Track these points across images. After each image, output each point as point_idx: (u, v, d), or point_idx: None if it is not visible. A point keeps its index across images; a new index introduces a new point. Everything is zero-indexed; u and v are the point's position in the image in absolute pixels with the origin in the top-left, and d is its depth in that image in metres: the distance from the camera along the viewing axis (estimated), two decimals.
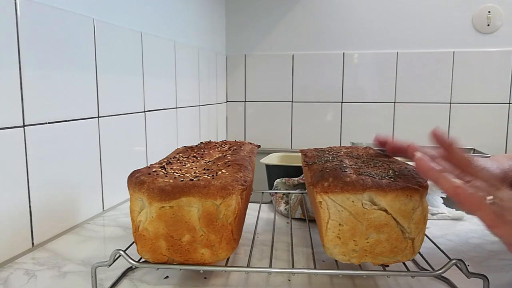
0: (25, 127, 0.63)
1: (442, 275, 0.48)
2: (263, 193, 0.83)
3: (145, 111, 1.01)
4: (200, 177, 0.51)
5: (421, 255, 0.53)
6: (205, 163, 0.61)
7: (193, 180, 0.49)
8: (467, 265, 0.47)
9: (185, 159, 0.62)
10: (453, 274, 0.49)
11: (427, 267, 0.50)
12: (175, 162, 0.59)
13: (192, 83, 1.34)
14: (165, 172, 0.53)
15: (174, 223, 0.47)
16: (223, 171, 0.53)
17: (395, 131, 1.64)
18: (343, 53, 1.64)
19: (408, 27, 1.58)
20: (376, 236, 0.47)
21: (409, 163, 0.56)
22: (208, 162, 0.61)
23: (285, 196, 0.82)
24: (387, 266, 0.51)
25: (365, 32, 1.62)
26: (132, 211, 0.50)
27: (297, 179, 0.85)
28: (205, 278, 0.54)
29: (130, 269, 0.56)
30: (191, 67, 1.33)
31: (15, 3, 0.61)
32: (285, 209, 0.80)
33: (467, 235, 0.70)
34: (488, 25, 1.51)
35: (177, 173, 0.53)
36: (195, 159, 0.62)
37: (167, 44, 1.14)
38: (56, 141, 0.70)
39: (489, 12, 1.50)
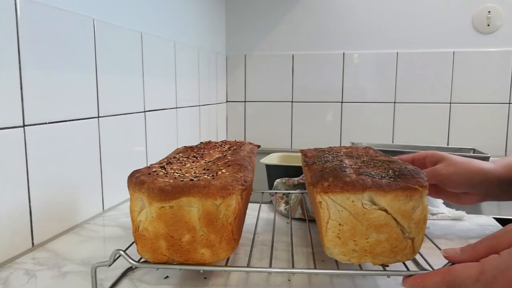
0: (25, 127, 0.63)
1: None
2: (263, 193, 0.83)
3: (145, 111, 1.01)
4: (200, 177, 0.51)
5: (421, 255, 0.53)
6: (205, 163, 0.61)
7: (193, 180, 0.49)
8: None
9: (185, 159, 0.62)
10: None
11: (427, 267, 0.50)
12: (175, 162, 0.59)
13: (192, 83, 1.34)
14: (165, 172, 0.53)
15: (174, 223, 0.47)
16: (223, 171, 0.53)
17: (395, 131, 1.64)
18: (343, 53, 1.64)
19: (408, 27, 1.58)
20: (376, 236, 0.47)
21: None
22: (208, 162, 0.61)
23: (285, 196, 0.82)
24: (387, 266, 0.51)
25: (365, 32, 1.62)
26: (132, 211, 0.50)
27: (297, 179, 0.85)
28: (205, 278, 0.54)
29: (130, 269, 0.56)
30: (191, 67, 1.33)
31: (15, 3, 0.61)
32: (285, 209, 0.80)
33: (467, 235, 0.70)
34: (488, 25, 1.51)
35: (177, 173, 0.53)
36: (195, 159, 0.62)
37: (167, 44, 1.14)
38: (56, 141, 0.70)
39: (489, 12, 1.50)
